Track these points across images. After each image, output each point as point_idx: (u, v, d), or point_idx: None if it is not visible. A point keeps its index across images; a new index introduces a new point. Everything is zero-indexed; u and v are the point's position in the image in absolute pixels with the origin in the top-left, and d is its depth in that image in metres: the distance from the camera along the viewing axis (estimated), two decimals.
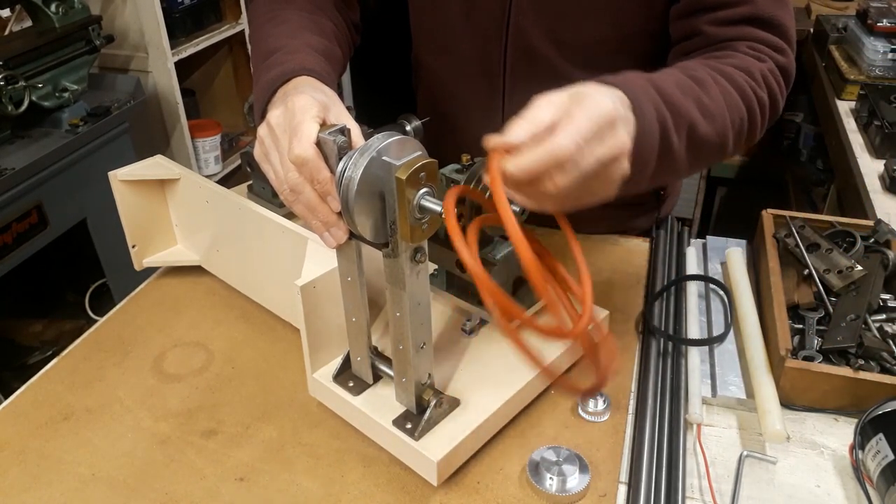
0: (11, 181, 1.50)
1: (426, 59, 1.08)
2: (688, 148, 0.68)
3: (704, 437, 0.73)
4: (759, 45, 0.80)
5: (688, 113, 0.67)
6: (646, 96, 0.63)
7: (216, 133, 2.33)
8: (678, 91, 0.67)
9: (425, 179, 0.58)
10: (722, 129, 0.71)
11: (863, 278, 0.84)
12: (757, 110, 0.76)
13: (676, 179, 0.72)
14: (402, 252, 0.61)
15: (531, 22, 0.91)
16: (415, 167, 0.57)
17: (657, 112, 0.63)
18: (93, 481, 0.70)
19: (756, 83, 0.76)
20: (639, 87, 0.64)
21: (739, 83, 0.74)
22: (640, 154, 0.61)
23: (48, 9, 1.69)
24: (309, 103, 0.66)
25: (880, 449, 0.65)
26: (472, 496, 0.67)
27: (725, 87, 0.73)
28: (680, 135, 0.66)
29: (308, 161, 0.63)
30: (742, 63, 0.77)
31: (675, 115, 0.66)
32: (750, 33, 0.80)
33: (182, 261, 0.99)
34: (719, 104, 0.71)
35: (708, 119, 0.69)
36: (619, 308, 0.90)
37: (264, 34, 0.87)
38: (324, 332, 0.74)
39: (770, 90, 0.78)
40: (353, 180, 0.59)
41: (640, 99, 0.62)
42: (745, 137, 0.76)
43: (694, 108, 0.68)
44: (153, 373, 0.83)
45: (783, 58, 0.80)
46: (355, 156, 0.60)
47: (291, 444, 0.73)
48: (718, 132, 0.71)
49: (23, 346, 1.81)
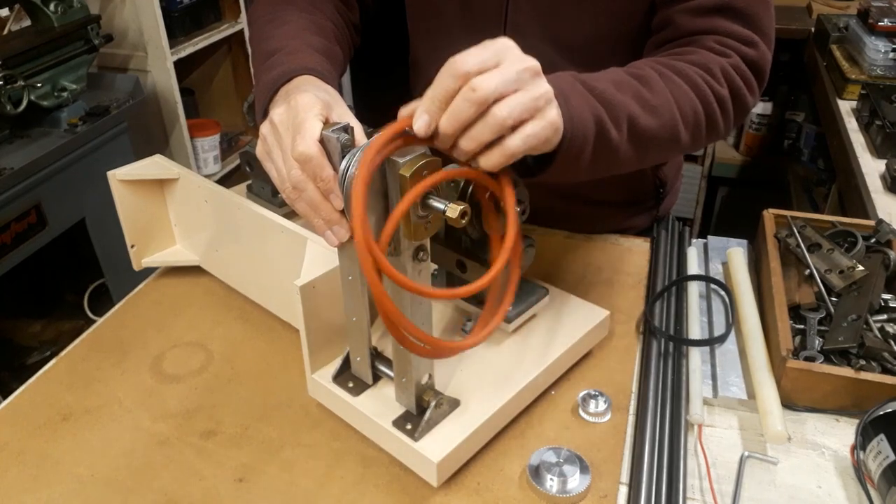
0: (10, 181, 1.50)
1: (423, 57, 1.08)
2: (630, 140, 0.70)
3: (705, 437, 0.73)
4: (728, 38, 0.79)
5: (625, 107, 0.69)
6: (572, 90, 0.65)
7: (215, 133, 2.33)
8: (612, 87, 0.69)
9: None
10: (670, 120, 0.72)
11: (864, 278, 0.84)
12: (714, 104, 0.76)
13: (628, 170, 0.75)
14: (404, 250, 0.61)
15: (528, 19, 0.91)
16: (418, 165, 0.57)
17: (588, 105, 0.65)
18: (92, 482, 0.70)
19: (713, 78, 0.76)
20: (565, 82, 0.65)
21: (692, 77, 0.75)
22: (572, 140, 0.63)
23: (47, 8, 1.69)
24: (312, 101, 0.66)
25: (881, 449, 0.64)
26: (472, 497, 0.67)
27: (673, 81, 0.74)
28: (619, 127, 0.68)
29: (311, 158, 0.62)
30: (700, 59, 0.77)
31: (609, 108, 0.67)
32: (720, 26, 0.79)
33: (181, 261, 0.99)
34: (664, 98, 0.72)
35: (649, 112, 0.71)
36: (619, 308, 0.90)
37: (265, 35, 0.87)
38: (323, 333, 0.74)
39: (732, 84, 0.78)
40: (356, 178, 0.59)
41: (566, 93, 0.64)
42: (705, 131, 0.77)
43: (632, 102, 0.69)
44: (152, 373, 0.83)
45: (752, 51, 0.80)
46: (358, 153, 0.60)
47: (291, 445, 0.73)
48: (665, 124, 0.72)
49: (21, 347, 1.81)
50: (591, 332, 0.81)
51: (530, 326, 0.81)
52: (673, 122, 0.73)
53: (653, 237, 1.04)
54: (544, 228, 1.08)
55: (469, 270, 0.77)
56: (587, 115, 0.65)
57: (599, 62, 0.91)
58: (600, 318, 0.82)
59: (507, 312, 0.77)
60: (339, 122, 0.65)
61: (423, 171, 0.57)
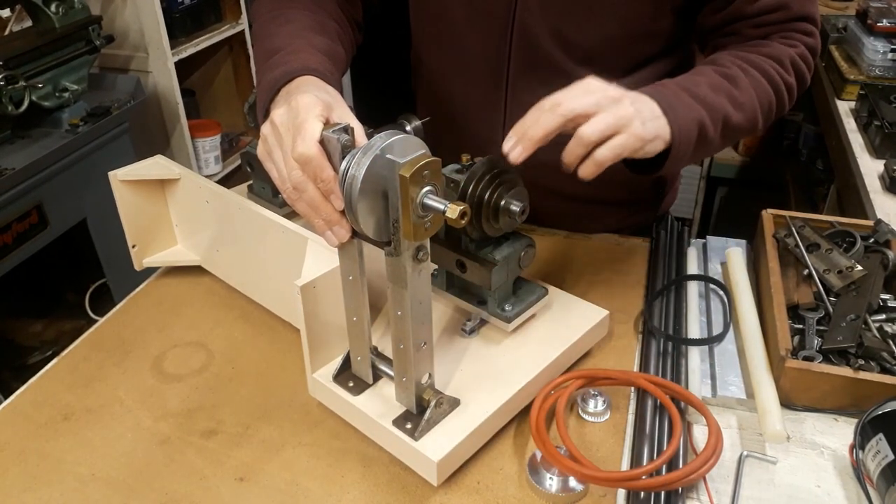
0: (11, 181, 1.50)
1: (427, 57, 1.07)
2: (722, 135, 0.81)
3: (705, 436, 0.73)
4: (792, 33, 0.89)
5: (721, 107, 0.79)
6: (678, 100, 0.76)
7: (216, 133, 2.33)
8: (710, 91, 0.79)
9: (429, 178, 0.58)
10: (752, 114, 0.83)
11: (863, 278, 0.84)
12: (784, 93, 0.87)
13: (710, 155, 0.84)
14: (404, 251, 0.61)
15: (537, 20, 0.91)
16: (418, 165, 0.57)
17: (691, 111, 0.76)
18: (92, 481, 0.70)
19: (784, 69, 0.86)
20: (671, 93, 0.76)
21: (768, 72, 0.85)
22: (678, 146, 0.75)
23: (48, 9, 1.69)
24: (313, 102, 0.66)
25: (880, 449, 0.65)
26: (472, 496, 0.67)
27: (755, 77, 0.83)
28: (716, 127, 0.79)
29: (312, 159, 0.63)
30: (773, 52, 0.87)
31: (709, 110, 0.78)
32: (785, 28, 0.89)
33: (182, 261, 0.99)
34: (749, 95, 0.82)
35: (739, 109, 0.81)
36: (619, 308, 0.90)
37: (268, 33, 0.87)
38: (324, 332, 0.74)
39: (798, 71, 0.88)
40: (356, 178, 0.59)
41: (674, 105, 0.75)
42: (774, 115, 0.88)
43: (726, 102, 0.80)
44: (153, 373, 0.83)
45: (812, 39, 0.90)
46: (359, 154, 0.60)
47: (291, 444, 0.73)
48: (749, 118, 0.83)
49: (23, 346, 1.81)
50: (591, 331, 0.81)
51: (530, 326, 0.81)
52: (754, 115, 0.83)
53: (652, 237, 1.04)
54: (544, 228, 1.08)
55: (469, 270, 0.77)
56: (692, 122, 0.76)
57: (605, 63, 0.91)
58: (599, 318, 0.82)
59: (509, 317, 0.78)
60: (340, 122, 0.65)
61: (423, 171, 0.57)
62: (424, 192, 0.58)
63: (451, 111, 1.05)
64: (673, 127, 0.74)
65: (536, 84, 0.96)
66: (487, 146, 1.04)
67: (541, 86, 0.98)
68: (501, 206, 0.72)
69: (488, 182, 0.73)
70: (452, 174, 0.74)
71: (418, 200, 0.58)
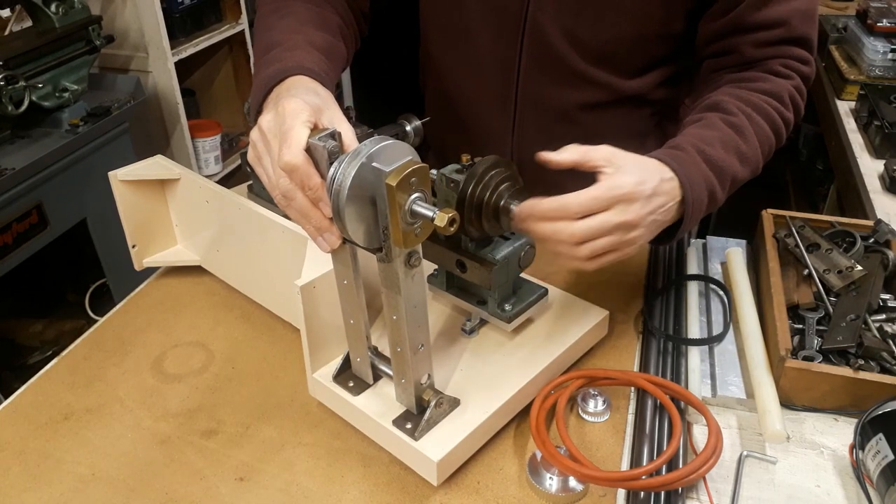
0: (11, 181, 1.50)
1: (436, 53, 1.06)
2: (728, 191, 0.81)
3: (705, 436, 0.73)
4: (790, 60, 0.87)
5: (731, 168, 0.79)
6: (697, 172, 0.75)
7: (216, 133, 2.33)
8: (722, 151, 0.79)
9: (416, 185, 0.57)
10: (756, 164, 0.84)
11: (863, 278, 0.84)
12: (783, 130, 0.87)
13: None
14: (395, 257, 0.61)
15: (549, 18, 0.91)
16: (405, 173, 0.56)
17: (706, 181, 0.76)
18: (93, 481, 0.70)
19: (784, 106, 0.86)
20: (690, 164, 0.75)
21: (769, 113, 0.84)
22: (691, 215, 0.75)
23: (48, 9, 1.69)
24: (299, 107, 0.65)
25: (880, 449, 0.65)
26: (472, 496, 0.67)
27: (758, 124, 0.83)
28: (724, 188, 0.79)
29: (298, 168, 0.62)
30: (771, 88, 0.86)
31: (719, 175, 0.78)
32: (784, 51, 0.87)
33: (182, 261, 0.99)
34: (754, 146, 0.82)
35: (745, 164, 0.81)
36: (618, 308, 0.90)
37: (268, 25, 0.86)
38: (324, 332, 0.74)
39: (795, 105, 0.88)
40: (343, 187, 0.58)
41: (692, 176, 0.74)
42: (772, 154, 0.89)
43: (735, 161, 0.80)
44: (153, 373, 0.83)
45: (808, 68, 0.89)
46: (345, 162, 0.59)
47: (291, 444, 0.73)
48: (753, 170, 0.84)
49: (23, 346, 1.81)
50: (591, 331, 0.81)
51: (530, 326, 0.81)
52: (757, 164, 0.84)
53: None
54: None
55: (469, 270, 0.77)
56: (703, 191, 0.76)
57: (616, 63, 0.91)
58: (599, 318, 0.82)
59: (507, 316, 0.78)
60: (329, 127, 0.64)
61: (410, 178, 0.57)
62: (413, 199, 0.58)
63: (459, 108, 1.05)
64: (686, 199, 0.74)
65: (547, 83, 0.96)
66: (496, 144, 1.04)
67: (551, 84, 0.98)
68: (501, 206, 0.72)
69: (488, 182, 0.73)
70: (452, 174, 0.74)
71: (407, 207, 0.57)
